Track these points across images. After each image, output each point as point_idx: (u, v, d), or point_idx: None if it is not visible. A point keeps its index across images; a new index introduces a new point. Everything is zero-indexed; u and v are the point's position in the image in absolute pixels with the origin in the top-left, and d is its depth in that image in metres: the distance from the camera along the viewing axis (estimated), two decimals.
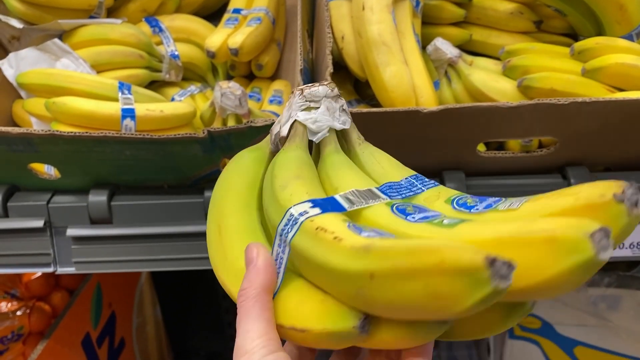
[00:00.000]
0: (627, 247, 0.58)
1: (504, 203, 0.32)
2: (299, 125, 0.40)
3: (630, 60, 0.55)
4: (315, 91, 0.40)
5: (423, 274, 0.26)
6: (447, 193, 0.35)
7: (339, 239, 0.29)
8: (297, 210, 0.32)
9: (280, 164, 0.38)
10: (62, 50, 0.64)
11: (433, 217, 0.32)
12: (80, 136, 0.52)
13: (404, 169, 0.39)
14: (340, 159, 0.39)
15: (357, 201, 0.34)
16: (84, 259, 0.61)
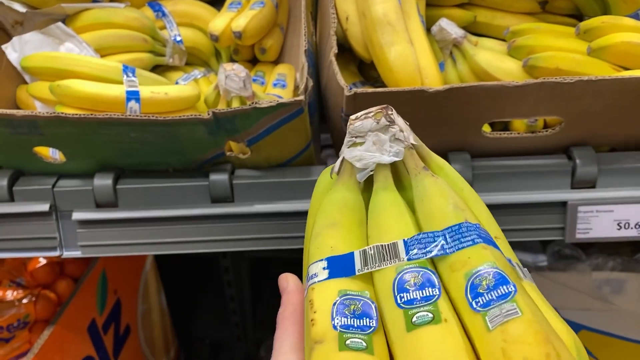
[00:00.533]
0: (633, 227, 0.58)
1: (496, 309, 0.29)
2: (347, 162, 0.38)
3: (636, 38, 0.55)
4: (359, 126, 0.37)
5: None
6: (476, 260, 0.31)
7: (313, 322, 0.31)
8: (312, 270, 0.33)
9: (323, 207, 0.37)
10: (66, 34, 0.64)
11: (420, 301, 0.30)
12: (85, 118, 0.52)
13: (454, 213, 0.34)
14: (383, 200, 0.37)
15: (372, 261, 0.33)
16: (90, 242, 0.61)
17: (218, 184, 0.59)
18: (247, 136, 0.56)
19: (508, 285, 0.29)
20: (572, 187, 0.58)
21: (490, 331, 0.28)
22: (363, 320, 0.31)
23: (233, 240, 0.61)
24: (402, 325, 0.30)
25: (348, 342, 0.29)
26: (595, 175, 0.57)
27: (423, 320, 0.29)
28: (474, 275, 0.30)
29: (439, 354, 0.28)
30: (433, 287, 0.31)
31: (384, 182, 0.38)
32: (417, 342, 0.29)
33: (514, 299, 0.29)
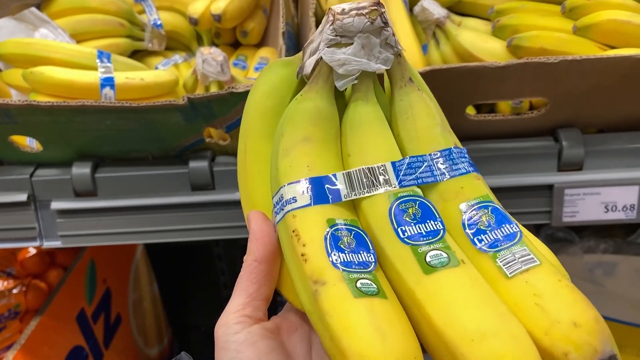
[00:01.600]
0: (620, 209, 0.57)
1: (506, 251, 0.27)
2: (325, 65, 0.32)
3: (622, 16, 0.54)
4: (349, 23, 0.30)
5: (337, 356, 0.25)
6: (470, 192, 0.29)
7: (305, 257, 0.27)
8: (287, 193, 0.29)
9: (292, 117, 0.32)
10: (40, 19, 0.63)
11: (427, 236, 0.28)
12: (58, 105, 0.51)
13: (443, 135, 0.31)
14: (366, 113, 0.32)
15: (360, 186, 0.30)
16: (70, 232, 0.60)
17: (198, 171, 0.58)
18: (225, 122, 0.55)
19: (511, 225, 0.28)
20: (559, 169, 0.57)
21: (509, 278, 0.26)
22: (361, 255, 0.28)
23: (215, 229, 0.60)
24: (415, 265, 0.27)
25: (359, 285, 0.26)
26: (582, 157, 0.56)
27: (439, 261, 0.27)
28: (470, 210, 0.28)
29: (479, 305, 0.25)
30: (434, 219, 0.28)
31: (365, 94, 0.33)
32: (444, 288, 0.26)
33: (522, 242, 0.27)
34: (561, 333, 0.24)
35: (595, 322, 0.25)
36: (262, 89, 0.36)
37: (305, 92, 0.33)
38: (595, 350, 0.24)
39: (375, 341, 0.24)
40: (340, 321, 0.25)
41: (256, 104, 0.35)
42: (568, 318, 0.24)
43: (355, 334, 0.25)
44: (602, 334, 0.24)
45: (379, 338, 0.24)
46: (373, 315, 0.25)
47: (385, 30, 0.31)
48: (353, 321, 0.25)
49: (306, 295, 0.28)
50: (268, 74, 0.36)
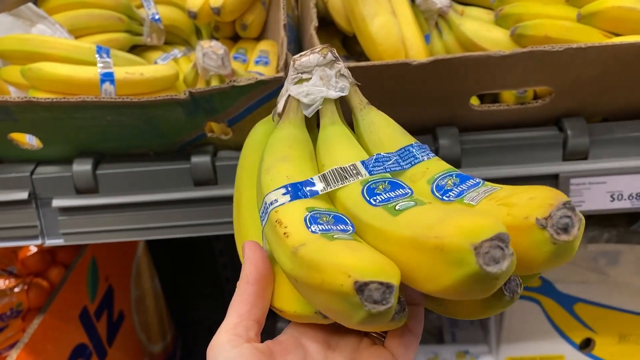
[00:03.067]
0: (626, 198, 0.57)
1: (471, 193, 0.30)
2: (292, 99, 0.38)
3: (627, 3, 0.53)
4: (306, 61, 0.38)
5: (316, 289, 0.27)
6: (435, 169, 0.33)
7: (287, 234, 0.30)
8: (269, 198, 0.33)
9: (270, 144, 0.37)
10: (38, 15, 0.62)
11: (396, 198, 0.31)
12: (57, 102, 0.51)
13: (402, 138, 0.37)
14: (333, 132, 0.37)
15: (334, 180, 0.33)
16: (72, 229, 0.60)
17: (200, 166, 0.57)
18: (227, 116, 0.54)
19: (474, 179, 0.31)
20: (564, 159, 0.57)
21: (475, 205, 0.29)
22: (339, 226, 0.30)
23: (218, 224, 0.60)
24: (386, 215, 0.29)
25: (336, 237, 0.29)
26: (587, 146, 0.56)
27: (407, 205, 0.29)
28: (437, 180, 0.32)
29: (442, 213, 0.27)
30: (403, 188, 0.32)
31: (331, 118, 0.38)
32: (410, 214, 0.28)
33: (485, 184, 0.30)
34: (520, 208, 0.27)
35: (549, 191, 0.27)
36: (248, 146, 0.43)
37: (279, 124, 0.39)
38: (551, 205, 0.26)
39: (347, 253, 0.27)
40: (316, 252, 0.28)
41: (245, 159, 0.42)
42: (525, 197, 0.27)
43: (329, 253, 0.27)
44: (556, 195, 0.27)
45: (349, 251, 0.27)
46: (346, 244, 0.28)
47: (337, 64, 0.38)
48: (328, 248, 0.28)
49: (288, 261, 0.30)
50: (253, 133, 0.43)
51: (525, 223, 0.26)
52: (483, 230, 0.24)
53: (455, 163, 0.56)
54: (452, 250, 0.24)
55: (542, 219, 0.26)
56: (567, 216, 0.26)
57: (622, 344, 0.89)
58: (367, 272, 0.25)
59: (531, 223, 0.26)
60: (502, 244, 0.24)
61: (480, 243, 0.24)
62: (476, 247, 0.24)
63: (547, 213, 0.26)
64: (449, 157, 0.56)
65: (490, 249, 0.24)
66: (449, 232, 0.25)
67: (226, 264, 1.25)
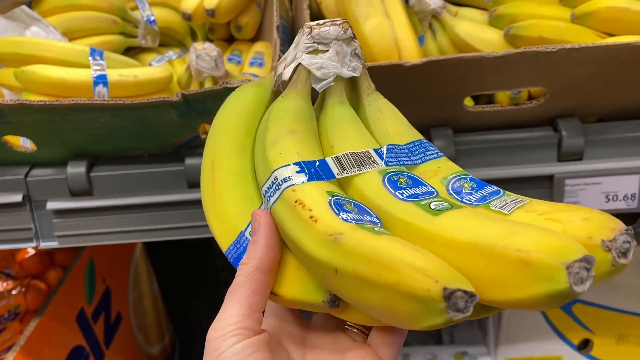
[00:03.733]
0: (621, 199, 0.57)
1: (497, 200, 0.29)
2: (303, 69, 0.36)
3: (621, 3, 0.53)
4: (326, 31, 0.35)
5: (381, 287, 0.25)
6: (447, 170, 0.32)
7: (314, 219, 0.28)
8: (281, 174, 0.31)
9: (276, 114, 0.35)
10: (31, 17, 0.62)
11: (424, 195, 0.30)
12: (50, 104, 0.51)
13: (411, 131, 0.35)
14: (343, 112, 0.36)
15: (350, 166, 0.32)
16: (67, 232, 0.60)
17: (194, 168, 0.57)
18: None
19: (492, 186, 0.30)
20: (559, 160, 0.56)
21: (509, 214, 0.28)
22: (367, 217, 0.29)
23: None
24: (422, 213, 0.28)
25: (375, 230, 0.27)
26: (582, 147, 0.56)
27: (443, 207, 0.28)
28: (451, 181, 0.31)
29: (498, 224, 0.27)
30: (426, 186, 0.30)
31: (340, 97, 0.36)
32: (458, 219, 0.28)
33: (508, 194, 0.29)
34: (576, 227, 0.27)
35: (602, 214, 0.27)
36: (233, 108, 0.39)
37: (286, 94, 0.36)
38: (613, 229, 0.26)
39: (416, 254, 0.25)
40: (373, 246, 0.26)
41: (225, 122, 0.38)
42: (579, 217, 0.27)
43: (393, 250, 0.25)
44: (612, 219, 0.27)
45: (416, 252, 0.25)
46: (400, 242, 0.26)
47: (354, 42, 0.36)
48: (386, 244, 0.26)
49: (322, 249, 0.28)
50: (238, 94, 0.39)
51: (588, 243, 0.26)
52: (572, 250, 0.24)
53: None
54: (541, 266, 0.24)
55: (608, 241, 0.26)
56: (628, 242, 0.26)
57: (621, 344, 0.89)
58: (452, 279, 0.25)
59: (596, 244, 0.26)
60: (589, 265, 0.24)
61: (572, 263, 0.24)
62: (568, 267, 0.24)
63: (613, 236, 0.26)
64: None
65: (580, 269, 0.24)
66: (535, 248, 0.25)
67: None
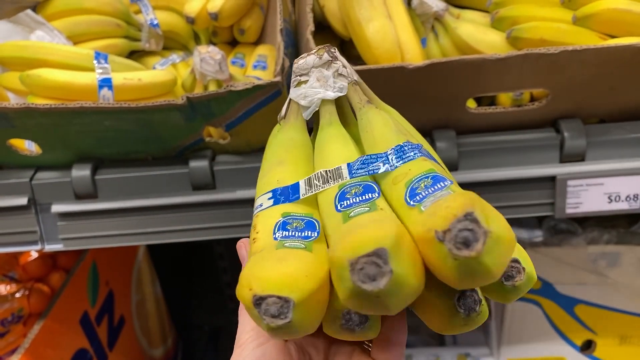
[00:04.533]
0: (624, 199, 0.57)
1: (430, 197, 0.28)
2: (293, 103, 0.39)
3: (622, 5, 0.53)
4: (303, 63, 0.37)
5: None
6: (416, 170, 0.31)
7: (255, 240, 0.31)
8: (258, 202, 0.34)
9: (269, 148, 0.38)
10: (36, 21, 0.62)
11: (359, 203, 0.30)
12: (56, 108, 0.51)
13: (395, 137, 0.34)
14: (328, 134, 0.37)
15: (317, 185, 0.33)
16: (71, 235, 0.60)
17: (198, 170, 0.57)
18: (225, 120, 0.54)
19: (444, 181, 0.29)
20: (561, 161, 0.57)
21: (422, 212, 0.27)
22: (305, 232, 0.31)
23: (217, 228, 0.60)
24: (340, 221, 0.30)
25: (287, 244, 0.29)
26: (584, 148, 0.56)
27: (359, 211, 0.29)
28: (413, 182, 0.30)
29: (367, 220, 0.27)
30: (373, 192, 0.31)
31: (328, 118, 0.38)
32: (350, 224, 0.28)
33: (448, 187, 0.28)
34: (431, 217, 0.25)
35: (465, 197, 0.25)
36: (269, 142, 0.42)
37: (281, 127, 0.39)
38: (454, 215, 0.24)
39: (272, 265, 0.27)
40: (251, 262, 0.28)
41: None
42: (443, 205, 0.25)
43: (257, 264, 0.27)
44: (466, 203, 0.24)
45: (277, 263, 0.27)
46: (283, 253, 0.28)
47: (335, 63, 0.37)
48: (262, 259, 0.28)
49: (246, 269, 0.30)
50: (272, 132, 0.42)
51: (427, 236, 0.25)
52: (363, 245, 0.23)
53: (452, 166, 0.56)
54: (335, 265, 0.25)
55: (441, 231, 0.24)
56: (469, 229, 0.23)
57: (623, 345, 0.89)
58: (268, 286, 0.25)
59: (431, 236, 0.24)
60: (380, 260, 0.23)
61: (357, 259, 0.23)
62: (352, 264, 0.23)
63: (447, 225, 0.24)
64: (446, 160, 0.56)
65: (366, 265, 0.23)
66: (340, 246, 0.25)
67: (226, 268, 1.25)
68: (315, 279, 0.27)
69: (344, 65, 0.38)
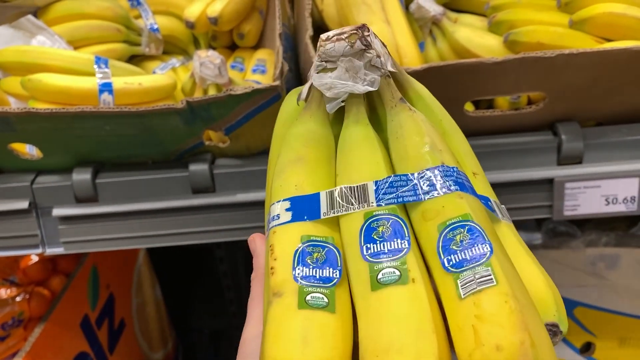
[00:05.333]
0: (621, 202, 0.57)
1: (469, 271, 0.26)
2: (315, 90, 0.34)
3: (618, 9, 0.54)
4: (331, 49, 0.32)
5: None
6: (451, 211, 0.28)
7: (273, 270, 0.28)
8: (274, 210, 0.30)
9: (288, 140, 0.34)
10: (37, 27, 0.63)
11: (388, 254, 0.28)
12: (57, 112, 0.51)
13: (431, 155, 0.30)
14: (355, 135, 0.33)
15: (339, 205, 0.30)
16: (72, 238, 0.60)
17: (198, 174, 0.58)
18: (224, 124, 0.55)
19: (484, 245, 0.26)
20: (559, 163, 0.57)
21: (461, 299, 0.25)
22: (326, 270, 0.28)
23: (216, 231, 0.60)
24: (367, 281, 0.27)
25: (308, 298, 0.27)
26: (582, 150, 0.56)
27: (389, 278, 0.27)
28: (448, 228, 0.27)
29: (402, 321, 0.25)
30: (402, 238, 0.28)
31: (355, 115, 0.34)
32: (380, 304, 0.26)
33: (489, 262, 0.26)
34: (482, 356, 0.23)
35: (520, 345, 0.23)
36: (280, 117, 0.38)
37: (300, 116, 0.35)
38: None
39: (294, 347, 0.25)
40: (272, 328, 0.26)
41: (276, 132, 0.38)
42: (493, 341, 0.23)
43: (279, 339, 0.25)
44: (520, 358, 0.23)
45: (301, 345, 0.25)
46: (306, 325, 0.26)
47: (368, 53, 0.32)
48: (283, 329, 0.26)
49: (265, 307, 0.28)
50: (284, 104, 0.39)
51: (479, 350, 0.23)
52: None
53: None
54: None
55: None
56: None
57: (623, 347, 0.89)
58: None
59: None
60: None
61: None
62: None
63: None
64: None
65: None
66: None
67: (227, 272, 1.25)
68: None
69: (378, 55, 0.33)
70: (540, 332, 0.24)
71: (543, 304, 0.30)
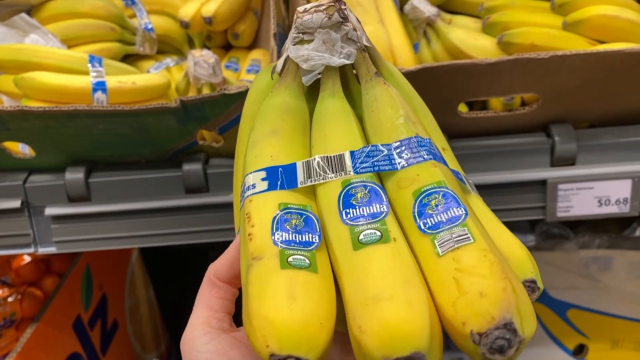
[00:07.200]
0: (614, 203, 0.58)
1: (446, 232, 0.27)
2: (291, 62, 0.34)
3: (611, 11, 0.54)
4: (308, 20, 0.32)
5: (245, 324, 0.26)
6: (425, 179, 0.29)
7: (251, 236, 0.28)
8: (249, 180, 0.30)
9: (262, 112, 0.34)
10: (31, 25, 0.63)
11: (367, 218, 0.28)
12: (50, 111, 0.51)
13: (405, 126, 0.31)
14: (331, 107, 0.33)
15: (317, 174, 0.30)
16: (65, 238, 0.60)
17: (192, 174, 0.58)
18: (218, 124, 0.55)
19: (458, 208, 0.27)
20: (552, 165, 0.57)
21: (440, 256, 0.26)
22: (305, 235, 0.28)
23: (210, 231, 0.60)
24: (348, 243, 0.27)
25: (290, 259, 0.27)
26: (575, 152, 0.56)
27: (370, 239, 0.27)
28: (423, 194, 0.28)
29: (388, 274, 0.25)
30: (381, 203, 0.29)
31: (331, 88, 0.34)
32: (364, 261, 0.26)
33: (464, 223, 0.27)
34: (466, 303, 0.24)
35: (503, 291, 0.24)
36: (251, 95, 0.38)
37: (275, 88, 0.34)
38: (492, 319, 0.23)
39: (282, 304, 0.25)
40: (257, 288, 0.26)
41: (246, 110, 0.37)
42: (476, 289, 0.24)
43: (265, 297, 0.25)
44: (504, 302, 0.23)
45: (288, 302, 0.25)
46: (291, 283, 0.26)
47: (345, 26, 0.33)
48: (268, 287, 0.26)
49: (243, 268, 0.28)
50: (255, 81, 0.38)
51: (461, 330, 0.24)
52: (402, 344, 0.23)
53: None
54: (367, 354, 0.23)
55: (478, 334, 0.23)
56: (505, 338, 0.23)
57: (615, 349, 0.89)
58: (285, 344, 0.24)
59: (466, 333, 0.23)
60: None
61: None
62: None
63: (484, 329, 0.23)
64: None
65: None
66: (370, 330, 0.23)
67: None
68: (328, 329, 0.25)
69: (354, 28, 0.33)
70: (519, 283, 0.25)
71: (520, 263, 0.31)
